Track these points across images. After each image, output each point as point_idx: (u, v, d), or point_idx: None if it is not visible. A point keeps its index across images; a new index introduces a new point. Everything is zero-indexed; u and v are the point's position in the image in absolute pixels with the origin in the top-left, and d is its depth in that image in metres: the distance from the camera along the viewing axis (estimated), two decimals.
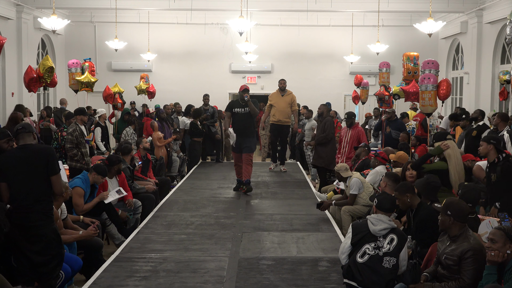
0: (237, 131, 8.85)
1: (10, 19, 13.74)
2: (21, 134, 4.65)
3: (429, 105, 8.69)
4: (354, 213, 6.95)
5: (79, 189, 6.35)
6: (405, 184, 5.28)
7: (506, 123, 8.61)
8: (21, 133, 4.65)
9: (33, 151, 4.60)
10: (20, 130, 4.66)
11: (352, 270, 4.48)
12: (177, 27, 17.38)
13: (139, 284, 4.79)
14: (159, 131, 11.22)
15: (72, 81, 11.24)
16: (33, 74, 9.50)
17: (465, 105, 14.95)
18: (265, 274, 5.03)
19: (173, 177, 10.98)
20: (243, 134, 8.72)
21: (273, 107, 10.63)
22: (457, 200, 4.31)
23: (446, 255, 4.11)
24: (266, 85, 17.87)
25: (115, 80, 15.41)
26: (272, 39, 17.62)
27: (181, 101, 14.47)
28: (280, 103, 10.60)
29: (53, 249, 4.55)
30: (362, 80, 14.72)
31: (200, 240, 6.10)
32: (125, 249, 5.80)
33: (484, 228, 4.51)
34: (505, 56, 13.40)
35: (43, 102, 16.05)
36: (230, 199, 8.35)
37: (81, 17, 17.40)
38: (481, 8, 13.85)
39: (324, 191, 8.95)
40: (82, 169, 8.52)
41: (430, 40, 14.88)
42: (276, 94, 10.73)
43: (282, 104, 10.59)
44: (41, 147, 4.79)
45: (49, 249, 4.53)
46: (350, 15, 16.58)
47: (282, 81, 10.76)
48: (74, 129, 8.59)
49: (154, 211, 7.50)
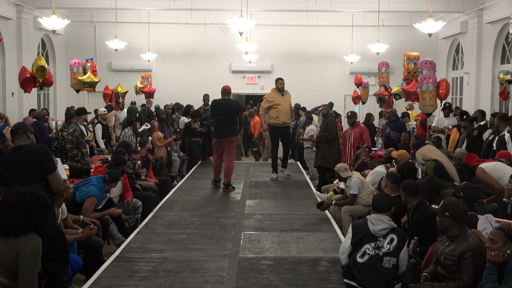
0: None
1: (10, 19, 13.75)
2: (15, 135, 4.63)
3: (430, 105, 8.69)
4: (354, 213, 6.95)
5: (94, 198, 6.33)
6: (409, 182, 5.27)
7: (506, 123, 8.62)
8: (14, 134, 4.63)
9: (26, 152, 4.57)
10: (13, 131, 4.64)
11: (352, 270, 4.48)
12: (177, 27, 17.39)
13: (139, 284, 4.79)
14: (159, 131, 11.22)
15: (74, 81, 11.24)
16: (26, 74, 9.48)
17: (465, 105, 14.97)
18: (265, 274, 5.03)
19: (173, 177, 10.98)
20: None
21: (275, 109, 9.63)
22: (455, 201, 4.31)
23: (445, 255, 4.11)
24: (266, 85, 17.88)
25: (115, 80, 15.46)
26: (272, 39, 17.63)
27: (181, 101, 14.47)
28: (283, 104, 9.66)
29: (57, 247, 4.54)
30: (362, 80, 14.72)
31: (200, 240, 6.10)
32: (125, 249, 5.79)
33: (482, 224, 4.50)
34: (505, 56, 13.40)
35: (43, 102, 16.09)
36: (230, 199, 8.35)
37: (81, 17, 17.41)
38: (481, 8, 13.86)
39: (324, 191, 8.95)
40: (82, 169, 8.55)
41: (430, 40, 14.89)
42: (276, 94, 9.70)
43: (286, 104, 9.69)
44: (34, 147, 4.75)
45: (54, 248, 4.52)
46: (350, 15, 16.59)
47: (282, 81, 9.75)
48: (75, 129, 8.60)
49: (154, 211, 7.50)
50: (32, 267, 3.60)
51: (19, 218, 3.62)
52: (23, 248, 3.58)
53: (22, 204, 3.66)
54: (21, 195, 3.69)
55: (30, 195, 3.71)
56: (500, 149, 8.09)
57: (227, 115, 8.85)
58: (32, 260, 3.60)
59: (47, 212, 3.77)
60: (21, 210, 3.64)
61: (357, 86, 14.95)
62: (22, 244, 3.59)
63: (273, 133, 9.91)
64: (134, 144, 10.57)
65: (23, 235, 3.62)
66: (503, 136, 8.37)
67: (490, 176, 6.19)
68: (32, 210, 3.66)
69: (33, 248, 3.62)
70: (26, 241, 3.61)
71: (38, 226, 3.69)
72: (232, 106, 8.96)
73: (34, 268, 3.63)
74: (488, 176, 6.20)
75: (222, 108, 8.89)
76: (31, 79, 9.46)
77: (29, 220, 3.65)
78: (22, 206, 3.65)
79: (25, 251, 3.58)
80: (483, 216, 4.57)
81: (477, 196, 5.14)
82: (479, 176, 6.37)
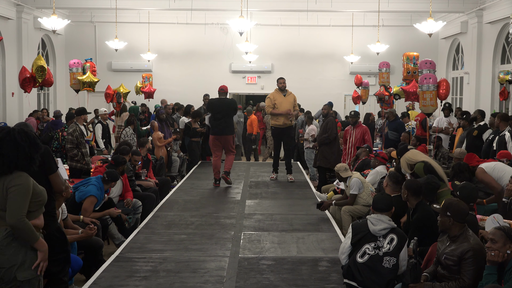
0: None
1: (10, 19, 13.74)
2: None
3: (431, 105, 8.70)
4: (354, 213, 6.95)
5: (93, 198, 6.33)
6: (414, 181, 5.27)
7: (506, 123, 8.61)
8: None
9: None
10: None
11: (352, 270, 4.48)
12: (177, 27, 17.38)
13: (139, 284, 4.79)
14: (159, 131, 11.22)
15: (73, 81, 11.24)
16: (26, 74, 9.49)
17: (465, 105, 14.97)
18: (265, 274, 5.03)
19: (173, 177, 10.98)
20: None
21: (276, 109, 9.57)
22: (457, 201, 4.31)
23: (446, 255, 4.11)
24: (266, 85, 17.87)
25: (115, 80, 15.46)
26: (272, 39, 17.62)
27: (181, 101, 14.47)
28: (284, 104, 9.53)
29: (58, 248, 4.54)
30: (362, 80, 14.73)
31: (200, 240, 6.10)
32: (125, 249, 5.80)
33: (490, 224, 4.51)
34: (505, 56, 13.40)
35: (43, 102, 16.09)
36: (230, 199, 8.35)
37: (81, 17, 17.41)
38: (481, 8, 13.85)
39: (324, 191, 8.95)
40: (82, 169, 8.55)
41: (430, 40, 14.87)
42: (278, 94, 9.61)
43: (287, 105, 9.55)
44: None
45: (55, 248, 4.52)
46: (350, 15, 16.58)
47: (282, 80, 9.68)
48: (74, 129, 8.60)
49: (154, 211, 7.50)
50: (19, 203, 3.48)
51: (8, 154, 3.55)
52: (10, 183, 3.50)
53: (11, 139, 3.59)
54: (10, 132, 3.64)
55: (20, 132, 3.68)
56: (500, 149, 8.08)
57: (223, 113, 9.19)
58: (19, 194, 3.49)
59: (36, 150, 3.70)
60: (9, 145, 3.57)
61: (357, 86, 14.96)
62: (9, 179, 3.51)
63: (275, 134, 9.88)
64: (134, 143, 10.57)
65: (11, 173, 3.54)
66: (504, 136, 8.36)
67: (490, 176, 6.19)
68: (21, 145, 3.60)
69: (21, 183, 3.52)
70: (14, 177, 3.52)
71: (25, 162, 3.60)
72: (228, 105, 9.31)
73: (21, 203, 3.49)
74: (488, 176, 6.19)
75: (218, 107, 9.24)
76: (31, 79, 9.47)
77: (18, 156, 3.58)
78: (11, 140, 3.58)
79: (13, 184, 3.49)
80: (491, 216, 4.57)
81: (474, 196, 5.13)
82: (479, 176, 6.37)
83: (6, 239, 3.52)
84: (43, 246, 3.62)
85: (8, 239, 3.52)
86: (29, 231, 3.52)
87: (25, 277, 3.53)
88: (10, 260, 3.51)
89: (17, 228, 3.49)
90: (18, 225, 3.47)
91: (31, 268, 3.56)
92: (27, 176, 3.61)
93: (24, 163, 3.62)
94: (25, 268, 3.54)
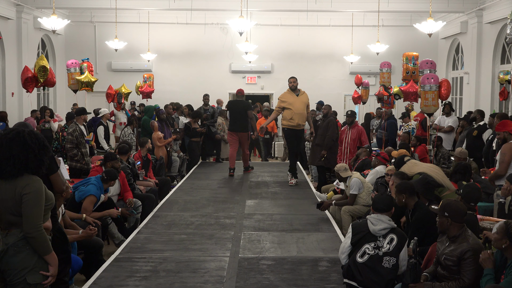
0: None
1: (10, 19, 13.75)
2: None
3: (432, 105, 8.68)
4: (354, 213, 6.95)
5: (93, 198, 6.33)
6: (405, 183, 5.28)
7: None
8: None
9: None
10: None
11: (352, 270, 4.48)
12: (177, 27, 17.39)
13: (139, 284, 4.79)
14: (159, 131, 11.21)
15: (71, 81, 11.24)
16: (28, 74, 9.51)
17: (465, 105, 14.98)
18: (265, 274, 5.03)
19: (173, 177, 10.98)
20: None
21: (288, 110, 9.24)
22: (454, 201, 4.31)
23: (445, 255, 4.11)
24: (266, 85, 17.87)
25: (115, 80, 15.46)
26: (272, 39, 17.63)
27: (181, 101, 14.47)
28: (297, 105, 9.20)
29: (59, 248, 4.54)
30: (362, 80, 14.72)
31: (200, 240, 6.10)
32: (125, 249, 5.80)
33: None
34: (505, 56, 13.40)
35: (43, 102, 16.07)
36: (230, 199, 8.34)
37: (81, 17, 17.41)
38: (481, 8, 13.86)
39: (324, 191, 8.95)
40: (82, 169, 8.55)
41: (430, 40, 14.88)
42: (289, 94, 9.32)
43: (300, 105, 9.22)
44: None
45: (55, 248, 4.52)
46: (350, 15, 16.59)
47: (292, 79, 9.35)
48: (74, 129, 8.61)
49: (154, 211, 7.50)
50: (36, 212, 3.47)
51: (18, 155, 3.50)
52: (24, 190, 3.46)
53: (20, 140, 3.54)
54: (20, 133, 3.59)
55: (30, 134, 3.64)
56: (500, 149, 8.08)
57: (238, 113, 10.36)
58: (35, 203, 3.47)
59: (45, 153, 3.66)
60: (19, 147, 3.52)
61: (357, 86, 14.96)
62: (21, 185, 3.47)
63: (288, 135, 9.59)
64: (134, 143, 10.58)
65: (21, 176, 3.50)
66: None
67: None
68: (31, 146, 3.55)
69: (35, 190, 3.49)
70: (28, 182, 3.48)
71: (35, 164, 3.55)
72: (242, 106, 10.43)
73: (38, 212, 3.49)
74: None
75: (234, 108, 10.49)
76: (33, 78, 9.50)
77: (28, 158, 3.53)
78: (20, 142, 3.54)
79: (27, 191, 3.46)
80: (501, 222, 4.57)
81: (476, 196, 5.14)
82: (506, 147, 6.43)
83: (21, 241, 3.51)
84: (54, 260, 3.60)
85: (22, 241, 3.51)
86: (45, 242, 3.52)
87: (35, 280, 3.53)
88: (23, 262, 3.50)
89: (33, 238, 3.47)
90: (35, 234, 3.46)
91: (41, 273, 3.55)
92: (39, 181, 3.57)
93: (34, 165, 3.57)
94: (36, 272, 3.53)
